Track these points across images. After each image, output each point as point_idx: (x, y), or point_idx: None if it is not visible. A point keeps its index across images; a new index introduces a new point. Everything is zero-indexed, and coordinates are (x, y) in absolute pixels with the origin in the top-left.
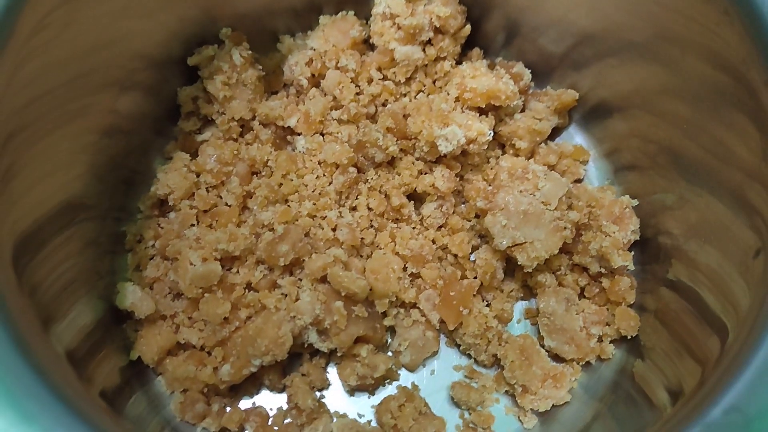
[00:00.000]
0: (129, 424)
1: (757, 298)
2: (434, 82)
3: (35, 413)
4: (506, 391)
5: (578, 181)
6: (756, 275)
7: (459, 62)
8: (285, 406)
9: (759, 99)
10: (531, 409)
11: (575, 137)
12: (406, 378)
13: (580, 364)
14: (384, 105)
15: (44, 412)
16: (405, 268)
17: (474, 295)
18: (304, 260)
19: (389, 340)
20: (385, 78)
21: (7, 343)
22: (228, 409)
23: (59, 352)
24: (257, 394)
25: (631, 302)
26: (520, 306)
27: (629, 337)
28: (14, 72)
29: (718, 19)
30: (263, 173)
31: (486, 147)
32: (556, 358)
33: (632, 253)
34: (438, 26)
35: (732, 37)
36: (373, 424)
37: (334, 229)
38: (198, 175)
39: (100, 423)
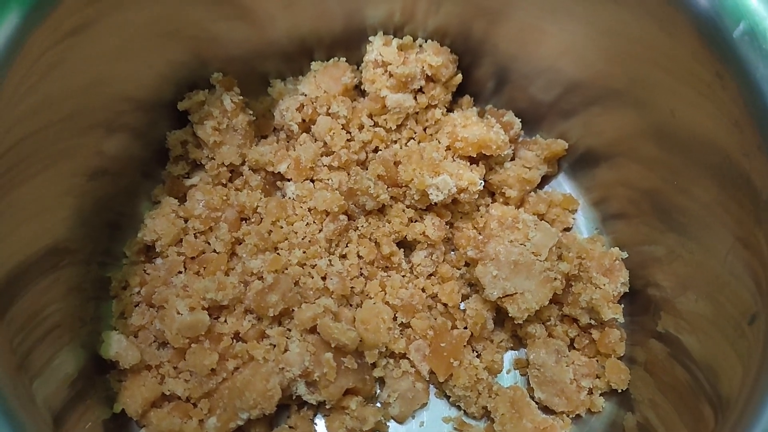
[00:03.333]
0: None
1: (752, 368)
2: (425, 130)
3: None
4: None
5: (567, 229)
6: (750, 346)
7: (450, 110)
8: None
9: (751, 164)
10: None
11: (564, 185)
12: (395, 430)
13: (570, 416)
14: (375, 151)
15: None
16: (395, 318)
17: (464, 346)
18: (293, 310)
19: (378, 391)
20: (376, 125)
21: None
22: None
23: (38, 403)
24: None
25: (621, 354)
26: (509, 356)
27: (620, 391)
28: (3, 112)
29: (711, 80)
30: (252, 219)
31: (477, 196)
32: (546, 410)
33: (622, 305)
34: (429, 74)
35: (724, 99)
36: None
37: (324, 278)
38: (186, 221)
39: None
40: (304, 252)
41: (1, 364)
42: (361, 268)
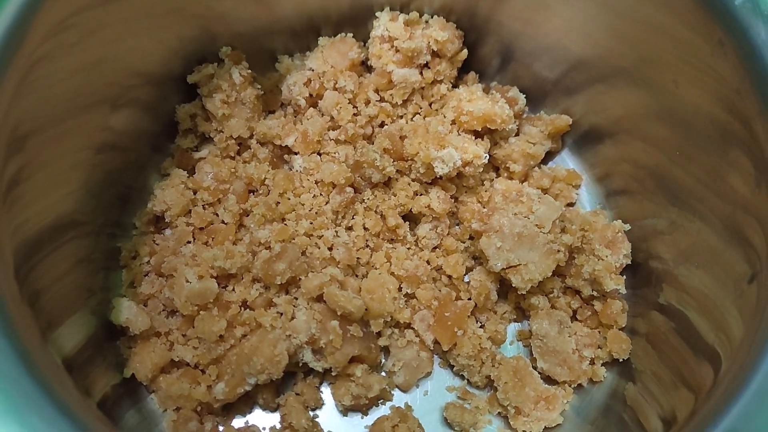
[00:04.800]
0: None
1: (751, 326)
2: (430, 105)
3: (38, 426)
4: (499, 413)
5: (570, 204)
6: (750, 303)
7: (455, 86)
8: (278, 426)
9: (752, 129)
10: (523, 431)
11: (567, 161)
12: (399, 398)
13: (572, 386)
14: (381, 126)
15: (47, 424)
16: (400, 289)
17: (468, 317)
18: (300, 279)
19: (383, 360)
20: (382, 100)
21: (10, 352)
22: (221, 428)
23: (58, 362)
24: (250, 413)
25: (623, 325)
26: (512, 328)
27: (621, 360)
28: (19, 83)
29: (713, 50)
30: (260, 191)
31: (481, 170)
32: (548, 380)
33: (624, 277)
34: (435, 50)
35: (725, 68)
36: None
37: (330, 249)
38: (195, 193)
39: None
40: (311, 223)
41: (29, 335)
42: (366, 240)
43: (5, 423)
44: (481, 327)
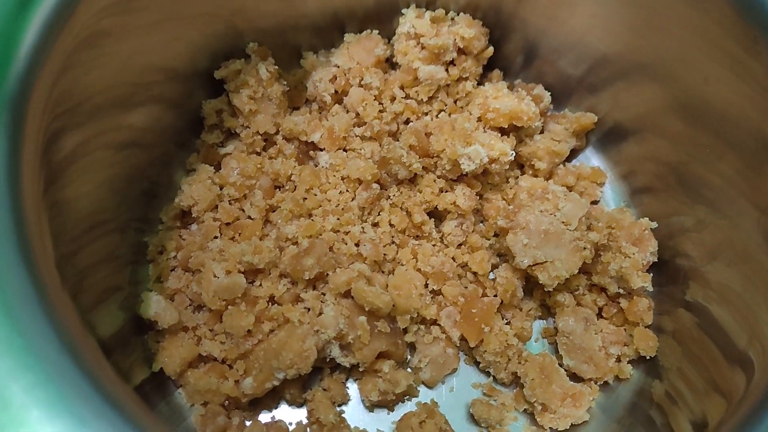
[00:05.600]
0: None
1: None
2: (455, 102)
3: (88, 418)
4: (525, 410)
5: (595, 202)
6: None
7: (480, 83)
8: (304, 421)
9: None
10: (550, 427)
11: (592, 159)
12: (425, 395)
13: (598, 383)
14: (406, 123)
15: (96, 416)
16: (426, 285)
17: (494, 313)
18: (327, 274)
19: (409, 357)
20: (407, 96)
21: (57, 345)
22: (248, 423)
23: (98, 351)
24: (276, 408)
25: (649, 323)
26: (537, 325)
27: (648, 358)
28: (49, 86)
29: (743, 52)
30: (287, 187)
31: (507, 167)
32: (574, 377)
33: (650, 274)
34: (462, 47)
35: (758, 67)
36: None
37: (357, 245)
38: (221, 188)
39: (147, 426)
40: (338, 219)
41: (71, 323)
42: (392, 236)
43: (57, 414)
44: (507, 324)
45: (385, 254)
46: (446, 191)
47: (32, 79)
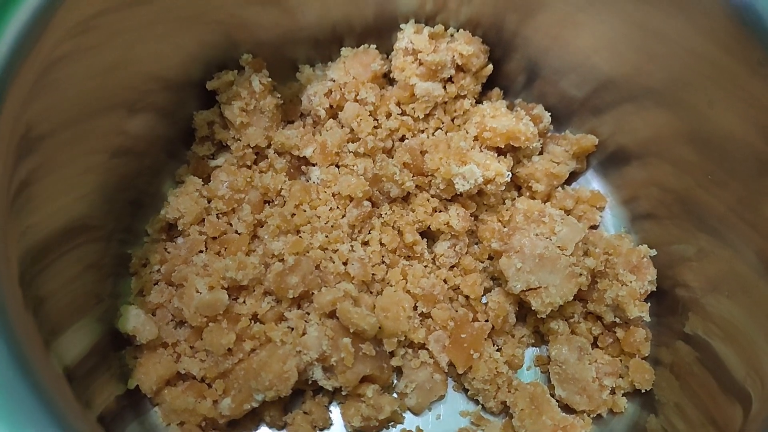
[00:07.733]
0: None
1: None
2: (453, 120)
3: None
4: None
5: (594, 227)
6: None
7: (479, 101)
8: None
9: None
10: None
11: (592, 183)
12: (410, 421)
13: (591, 416)
14: (401, 140)
15: None
16: (415, 307)
17: (485, 339)
18: (312, 293)
19: (395, 381)
20: (403, 113)
21: (8, 360)
22: None
23: (59, 372)
24: (255, 430)
25: (646, 355)
26: (530, 353)
27: (643, 391)
28: (35, 84)
29: (751, 72)
30: (276, 202)
31: (503, 188)
32: (566, 408)
33: (648, 304)
34: (460, 64)
35: (764, 91)
36: None
37: (345, 263)
38: (209, 201)
39: None
40: (327, 236)
41: (32, 345)
42: (383, 256)
43: None
44: (498, 350)
45: (373, 274)
46: (440, 211)
47: (7, 81)
